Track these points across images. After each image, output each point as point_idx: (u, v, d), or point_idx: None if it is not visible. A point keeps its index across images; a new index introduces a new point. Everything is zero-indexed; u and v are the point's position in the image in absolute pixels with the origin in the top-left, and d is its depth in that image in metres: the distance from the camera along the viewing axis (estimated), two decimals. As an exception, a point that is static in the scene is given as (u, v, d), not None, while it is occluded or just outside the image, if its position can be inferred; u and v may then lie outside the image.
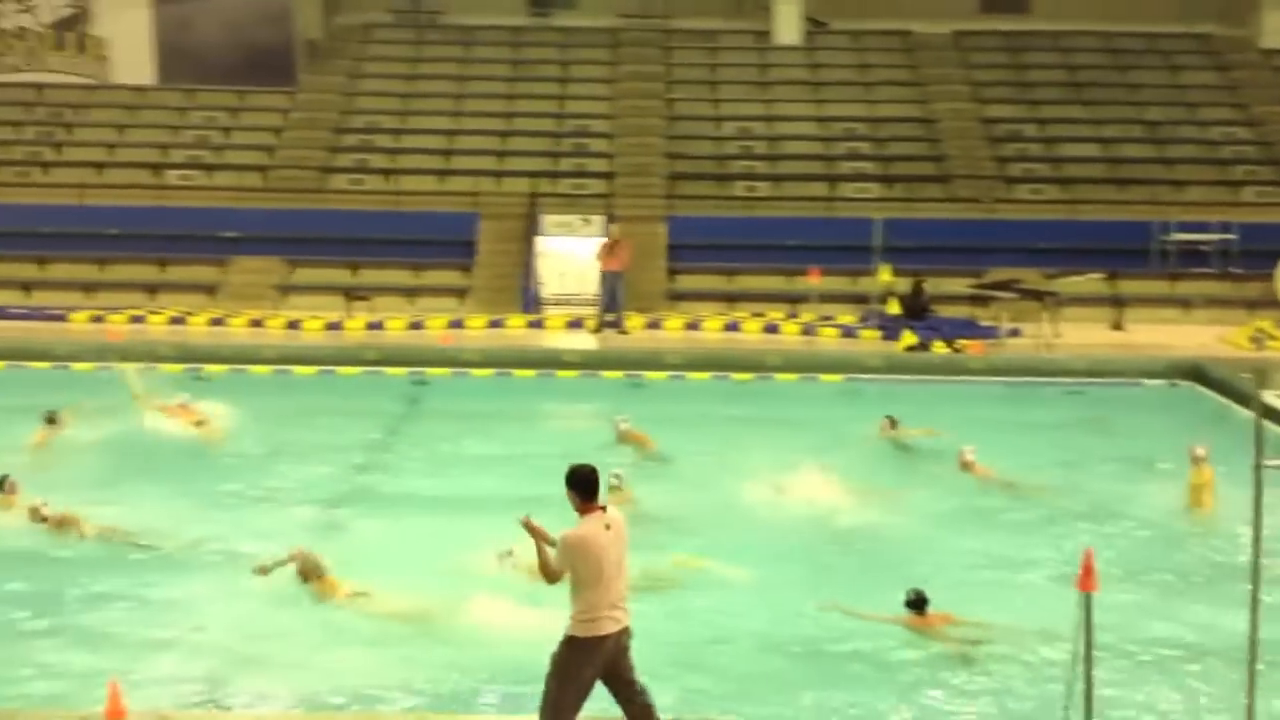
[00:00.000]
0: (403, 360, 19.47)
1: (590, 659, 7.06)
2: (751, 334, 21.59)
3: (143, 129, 26.93)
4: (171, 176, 25.53)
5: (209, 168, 25.88)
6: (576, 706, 7.13)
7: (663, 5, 29.91)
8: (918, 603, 9.67)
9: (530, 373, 19.33)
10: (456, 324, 21.44)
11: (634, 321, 21.92)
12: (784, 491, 12.89)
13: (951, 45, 29.54)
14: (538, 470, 13.56)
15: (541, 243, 23.79)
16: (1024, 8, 30.09)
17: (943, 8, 29.49)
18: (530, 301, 22.94)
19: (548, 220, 23.79)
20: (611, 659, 7.14)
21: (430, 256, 23.94)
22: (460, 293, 23.39)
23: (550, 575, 7.17)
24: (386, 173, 25.73)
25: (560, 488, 7.19)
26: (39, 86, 27.57)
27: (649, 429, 15.20)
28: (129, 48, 27.62)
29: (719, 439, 15.32)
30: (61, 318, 21.43)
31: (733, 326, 21.86)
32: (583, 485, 7.12)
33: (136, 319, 21.28)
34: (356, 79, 28.64)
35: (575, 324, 21.99)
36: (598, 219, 23.80)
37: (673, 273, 24.00)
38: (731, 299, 23.52)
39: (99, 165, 25.55)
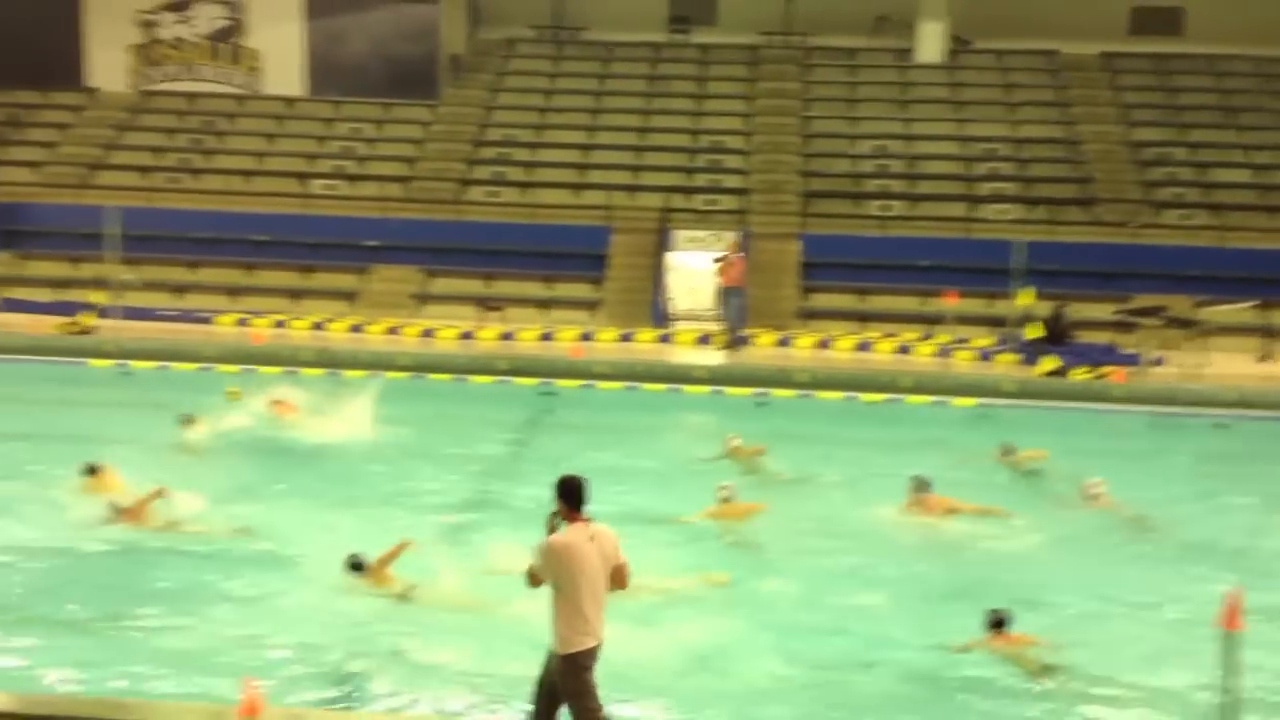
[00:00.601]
0: (533, 371, 19.68)
1: (587, 667, 7.26)
2: (884, 355, 21.29)
3: (290, 139, 27.73)
4: (316, 185, 26.23)
5: (352, 178, 26.53)
6: (600, 705, 7.31)
7: (803, 23, 29.77)
8: (998, 623, 9.45)
9: (659, 387, 19.35)
10: (587, 336, 21.57)
11: (764, 339, 21.80)
12: (902, 514, 12.73)
13: (1099, 66, 28.82)
14: (656, 484, 13.59)
15: (673, 258, 23.83)
16: (1176, 30, 29.23)
17: (1091, 28, 28.80)
18: (660, 316, 22.98)
19: (680, 235, 23.81)
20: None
21: (563, 269, 24.15)
22: (591, 305, 23.54)
23: (533, 580, 7.37)
24: (522, 185, 26.04)
25: (674, 502, 7.14)
26: (192, 95, 28.59)
27: (773, 446, 15.07)
28: (280, 59, 28.51)
29: (843, 459, 15.14)
30: (208, 320, 22.07)
31: (864, 346, 21.59)
32: (568, 495, 7.30)
33: (279, 324, 21.83)
34: (496, 93, 29.10)
35: (705, 339, 21.96)
36: (730, 235, 23.78)
37: (805, 290, 23.82)
38: (864, 318, 23.24)
39: (248, 173, 26.34)
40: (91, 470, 12.83)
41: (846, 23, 29.45)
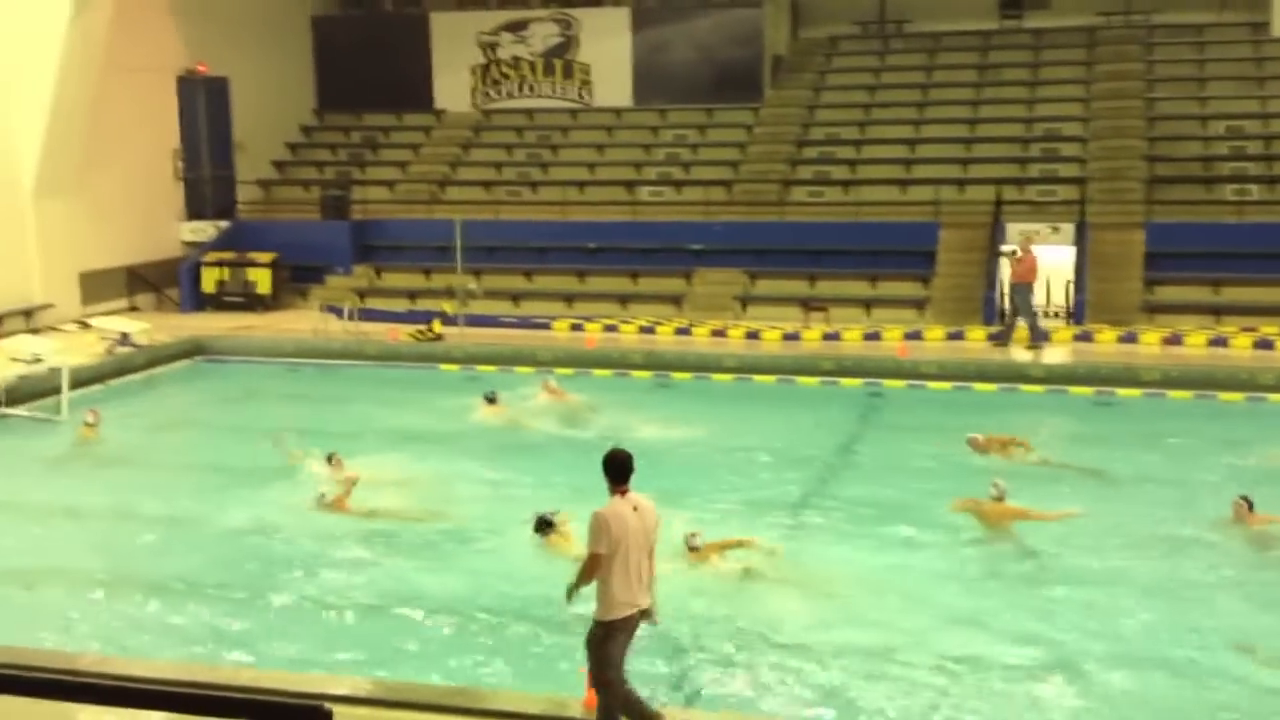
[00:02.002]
0: (859, 371, 19.43)
1: (617, 636, 7.56)
2: (1241, 350, 19.73)
3: (619, 148, 28.57)
4: (643, 192, 26.91)
5: (678, 183, 27.05)
6: (622, 679, 7.59)
7: (1144, 1, 28.10)
8: None
9: (991, 387, 18.71)
10: (914, 335, 21.09)
11: (1105, 335, 20.66)
12: (1233, 524, 11.95)
13: None
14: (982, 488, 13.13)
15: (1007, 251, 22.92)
16: None
17: None
18: (993, 313, 22.18)
19: (1013, 229, 22.90)
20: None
21: (888, 267, 23.73)
22: (919, 304, 23.01)
23: (589, 568, 7.54)
24: (846, 184, 25.79)
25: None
26: (530, 112, 29.94)
27: (1113, 449, 14.30)
28: (610, 72, 29.45)
29: (1184, 461, 14.24)
30: (546, 326, 23.00)
31: (1219, 342, 20.08)
32: (613, 469, 7.66)
33: (610, 328, 22.50)
34: (819, 91, 28.97)
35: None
36: (1067, 227, 22.68)
37: (1150, 283, 22.40)
38: (1218, 312, 21.64)
39: (580, 184, 27.33)
40: (329, 458, 13.90)
41: (1192, -2, 27.63)
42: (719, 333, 21.85)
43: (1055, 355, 20.02)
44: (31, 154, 22.57)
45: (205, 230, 26.82)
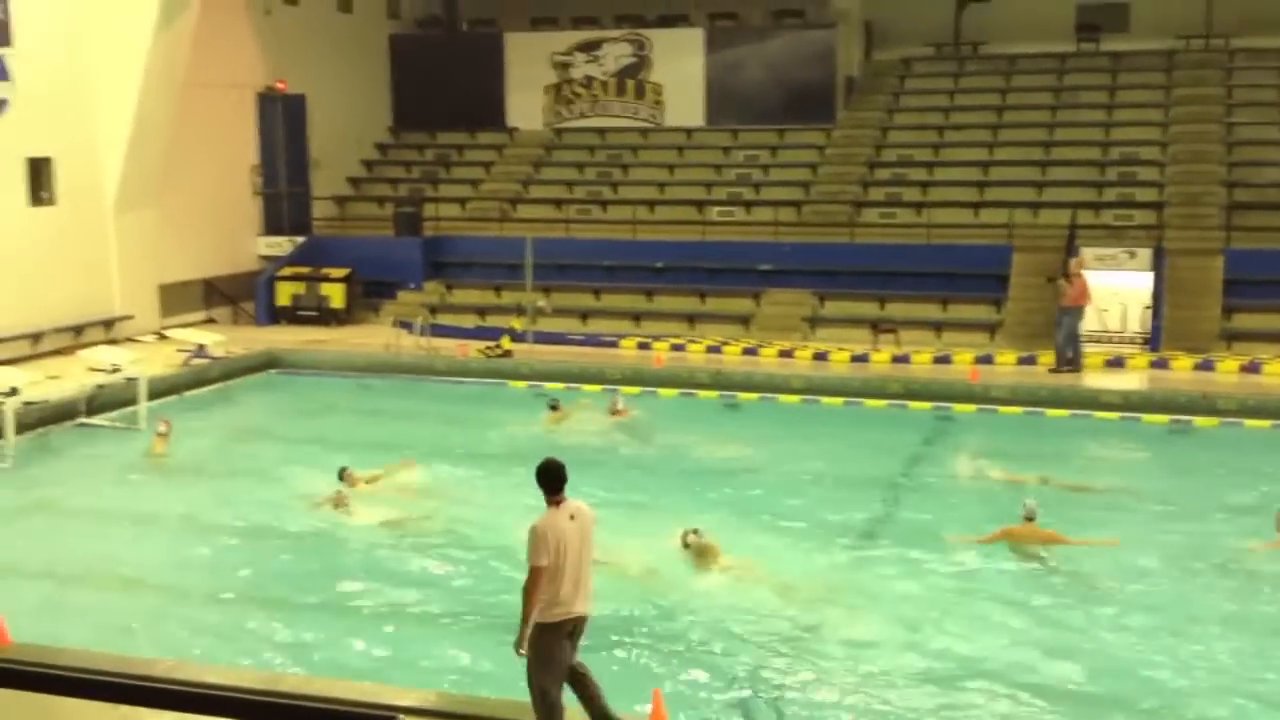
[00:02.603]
0: (928, 395, 19.25)
1: (559, 641, 7.68)
2: (1323, 380, 19.30)
3: (690, 168, 28.61)
4: (713, 212, 26.90)
5: (748, 204, 27.01)
6: (559, 686, 7.74)
7: (1225, 24, 27.66)
8: None
9: (1063, 412, 18.45)
10: (985, 359, 20.85)
11: (1181, 362, 20.29)
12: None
13: None
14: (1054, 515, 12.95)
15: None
16: None
17: None
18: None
19: (1088, 253, 22.58)
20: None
21: (960, 290, 23.50)
22: (990, 328, 22.76)
23: (532, 582, 7.63)
24: (918, 206, 25.60)
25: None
26: (602, 131, 30.09)
27: (1183, 479, 14.06)
28: (682, 92, 29.52)
29: (1258, 490, 13.95)
30: (614, 344, 23.02)
31: (1299, 371, 19.66)
32: (545, 479, 7.82)
33: (677, 347, 22.47)
34: (892, 113, 28.82)
35: (1115, 362, 20.70)
36: (1144, 252, 22.33)
37: (1228, 310, 21.98)
38: (1298, 341, 21.19)
39: (650, 203, 27.39)
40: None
41: (1274, 22, 27.09)
42: (787, 353, 21.75)
43: (1130, 382, 19.70)
44: (114, 167, 23.07)
45: (281, 245, 27.23)
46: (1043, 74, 28.72)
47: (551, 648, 7.71)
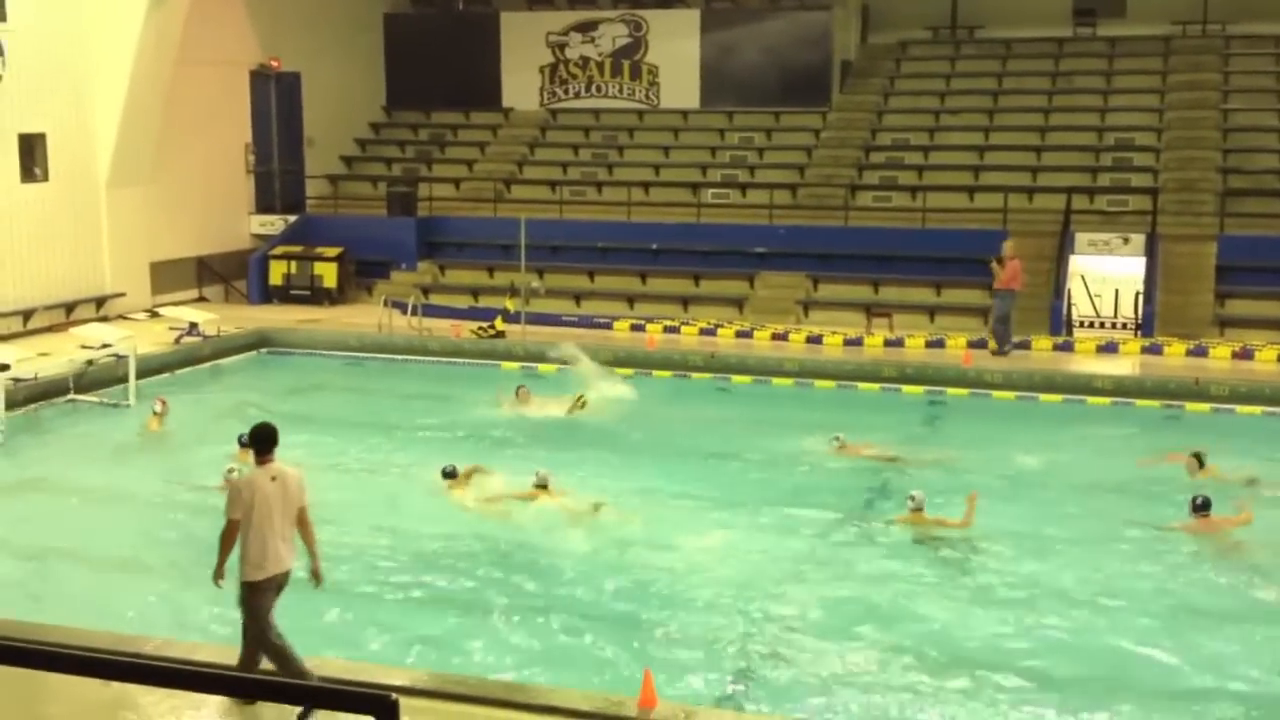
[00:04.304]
0: (921, 379, 19.26)
1: (262, 595, 8.07)
2: (1315, 367, 19.34)
3: (685, 150, 28.53)
4: (708, 195, 26.84)
5: (743, 186, 26.96)
6: (275, 631, 8.08)
7: (1222, 10, 27.61)
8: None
9: (1056, 397, 18.48)
10: (978, 344, 20.85)
11: (1174, 348, 20.31)
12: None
13: None
14: (1041, 501, 12.96)
15: (1075, 262, 22.63)
16: None
17: None
18: (1059, 323, 21.89)
19: (1082, 238, 22.59)
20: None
21: (954, 274, 23.49)
22: (984, 312, 22.72)
23: (226, 534, 8.13)
24: (914, 190, 25.57)
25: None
26: (597, 112, 29.99)
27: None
28: (677, 74, 29.42)
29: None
30: (607, 326, 22.99)
31: (1292, 357, 19.70)
32: (256, 440, 8.28)
33: (671, 329, 22.45)
34: (887, 97, 28.76)
35: (1108, 347, 20.72)
36: (1137, 237, 22.33)
37: (1221, 297, 22.01)
38: (1291, 327, 21.23)
39: (645, 185, 27.32)
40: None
41: (1271, 8, 27.06)
42: (780, 336, 21.75)
43: (1123, 367, 19.73)
44: (106, 145, 22.97)
45: (274, 224, 27.15)
46: (1039, 59, 28.67)
47: (260, 603, 8.10)
